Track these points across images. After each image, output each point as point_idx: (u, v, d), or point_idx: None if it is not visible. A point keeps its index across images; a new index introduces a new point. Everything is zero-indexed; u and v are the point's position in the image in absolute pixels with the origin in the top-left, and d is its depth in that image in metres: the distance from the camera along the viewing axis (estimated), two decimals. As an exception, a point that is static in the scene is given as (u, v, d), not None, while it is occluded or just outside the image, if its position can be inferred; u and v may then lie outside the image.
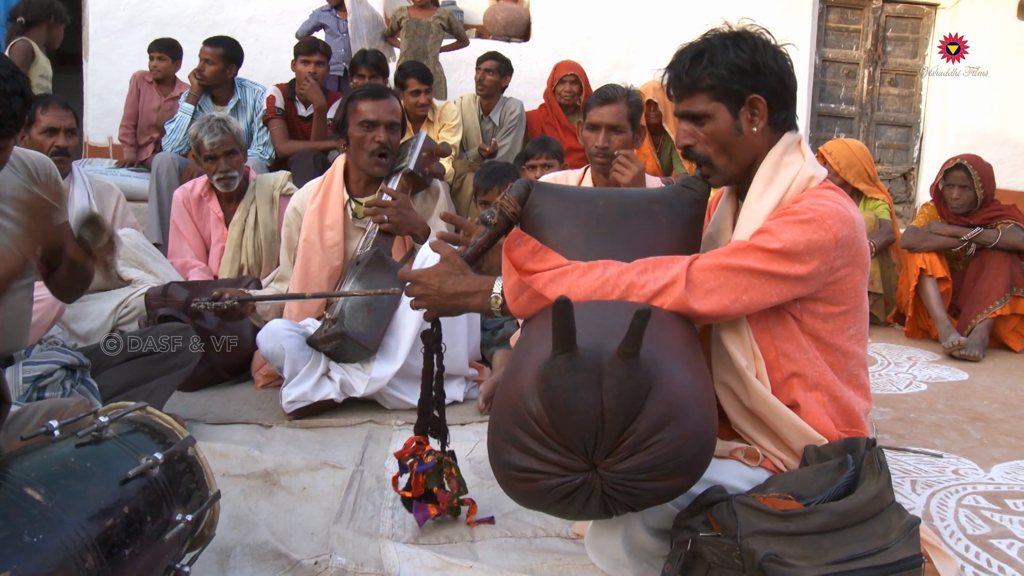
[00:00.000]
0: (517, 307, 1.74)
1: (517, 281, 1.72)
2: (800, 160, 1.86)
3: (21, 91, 1.92)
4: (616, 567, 1.80)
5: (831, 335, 1.82)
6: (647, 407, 1.40)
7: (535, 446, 1.44)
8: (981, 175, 4.44)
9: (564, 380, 1.38)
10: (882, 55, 7.82)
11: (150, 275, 3.64)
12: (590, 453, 1.42)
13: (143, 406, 1.64)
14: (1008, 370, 4.02)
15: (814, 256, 1.71)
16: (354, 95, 3.22)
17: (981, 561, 2.02)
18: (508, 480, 1.50)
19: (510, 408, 1.46)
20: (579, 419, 1.39)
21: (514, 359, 1.64)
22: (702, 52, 1.85)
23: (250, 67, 6.18)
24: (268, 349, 2.97)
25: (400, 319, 2.99)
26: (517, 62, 6.00)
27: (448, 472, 2.06)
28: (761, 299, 1.72)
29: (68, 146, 3.54)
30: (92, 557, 1.24)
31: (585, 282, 1.68)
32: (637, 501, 1.48)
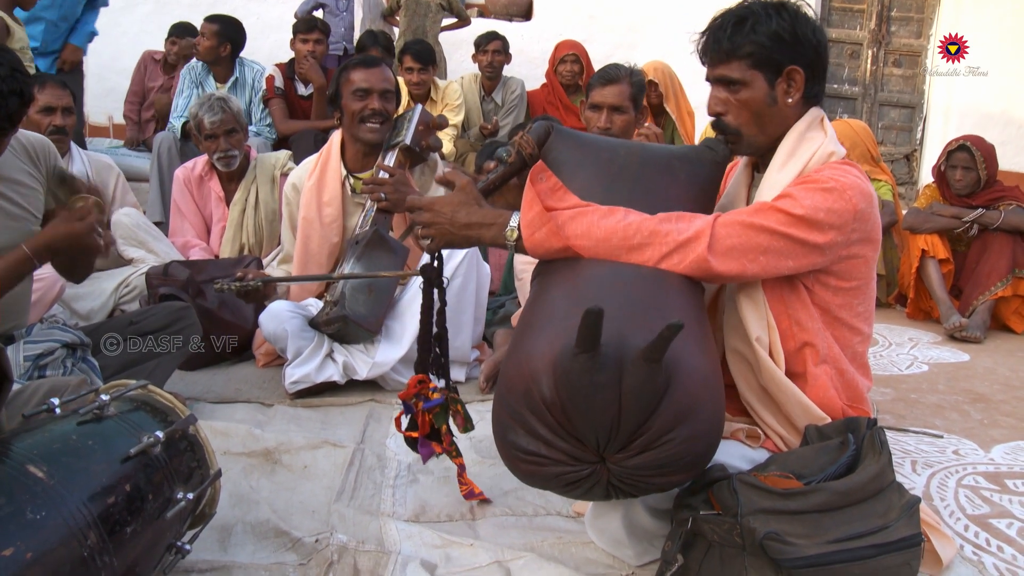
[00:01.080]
0: (533, 242, 1.70)
1: (538, 214, 1.69)
2: (823, 136, 1.86)
3: (19, 91, 1.90)
4: (616, 546, 1.82)
5: (839, 309, 1.82)
6: (662, 407, 1.40)
7: (545, 432, 1.44)
8: (984, 156, 4.41)
9: (584, 378, 1.37)
10: (886, 35, 7.77)
11: (151, 254, 3.64)
12: (601, 447, 1.43)
13: (144, 384, 1.64)
14: (1009, 351, 4.02)
15: (833, 225, 1.70)
16: (346, 66, 3.19)
17: (980, 540, 2.02)
18: (513, 460, 1.51)
19: (522, 389, 1.45)
20: (595, 416, 1.39)
21: (527, 325, 1.61)
22: (744, 18, 1.83)
23: (251, 46, 6.14)
24: (271, 331, 2.97)
25: (407, 304, 2.98)
26: (519, 41, 5.97)
27: (455, 409, 2.01)
28: (777, 263, 1.70)
29: (66, 125, 3.52)
30: (94, 534, 1.24)
31: (607, 224, 1.66)
32: (641, 491, 1.50)
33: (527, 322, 1.64)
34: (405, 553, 1.82)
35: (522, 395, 1.45)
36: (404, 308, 2.99)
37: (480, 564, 1.79)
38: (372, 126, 3.12)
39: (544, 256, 1.74)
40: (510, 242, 1.75)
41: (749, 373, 1.82)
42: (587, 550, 1.88)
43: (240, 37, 5.19)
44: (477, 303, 3.15)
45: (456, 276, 2.98)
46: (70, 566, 1.20)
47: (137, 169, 5.10)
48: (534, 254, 1.74)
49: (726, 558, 1.51)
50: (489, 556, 1.81)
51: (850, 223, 1.72)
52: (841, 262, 1.78)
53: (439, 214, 1.79)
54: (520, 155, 1.88)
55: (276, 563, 1.79)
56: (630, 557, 1.81)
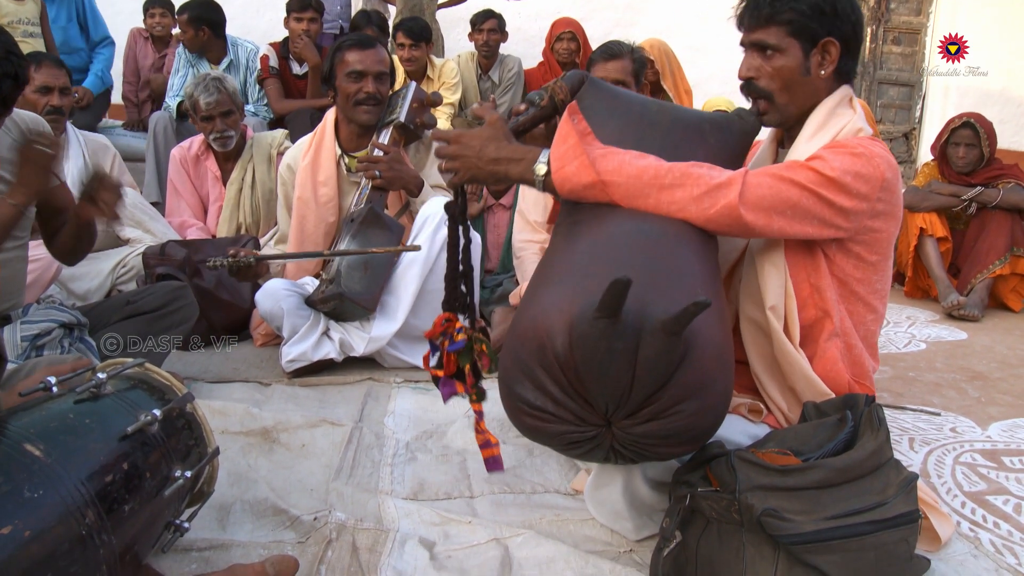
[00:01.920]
0: (563, 175, 1.67)
1: (572, 147, 1.66)
2: (852, 113, 1.87)
3: (14, 73, 1.89)
4: (615, 519, 1.82)
5: (857, 284, 1.83)
6: (676, 378, 1.40)
7: (554, 390, 1.43)
8: (987, 133, 4.41)
9: (601, 343, 1.35)
10: (885, 13, 7.73)
11: (148, 234, 3.63)
12: (609, 412, 1.42)
13: (141, 362, 1.63)
14: (1007, 329, 4.02)
15: (860, 192, 1.71)
16: (341, 45, 3.15)
17: (977, 517, 2.03)
18: (517, 412, 1.49)
19: (535, 343, 1.43)
20: (608, 382, 1.38)
21: (545, 277, 1.59)
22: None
23: (246, 25, 6.11)
24: (267, 309, 2.96)
25: (401, 277, 2.98)
26: (516, 20, 5.94)
27: (479, 350, 1.95)
28: (802, 221, 1.69)
29: (62, 105, 3.51)
30: (92, 512, 1.24)
31: (639, 163, 1.65)
32: (642, 458, 1.50)
33: (545, 274, 1.61)
34: (403, 531, 1.82)
35: (535, 350, 1.43)
36: (398, 282, 2.98)
37: (478, 541, 1.80)
38: (366, 108, 3.11)
39: (570, 194, 1.70)
40: (538, 177, 1.72)
41: (763, 342, 1.82)
42: (585, 527, 1.89)
43: (216, 15, 5.10)
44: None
45: (444, 249, 2.97)
46: (68, 544, 1.19)
47: (134, 149, 5.07)
48: (561, 190, 1.70)
49: (724, 534, 1.51)
50: (487, 533, 1.82)
51: (876, 191, 1.73)
52: (864, 234, 1.78)
53: (467, 147, 1.76)
54: (552, 100, 1.85)
55: (274, 541, 1.79)
56: (629, 531, 1.81)
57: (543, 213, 3.31)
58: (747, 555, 1.47)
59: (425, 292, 2.98)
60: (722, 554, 1.50)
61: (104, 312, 2.59)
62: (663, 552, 1.59)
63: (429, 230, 2.97)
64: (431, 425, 2.49)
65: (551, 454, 2.24)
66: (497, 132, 1.78)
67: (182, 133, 4.74)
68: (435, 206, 3.01)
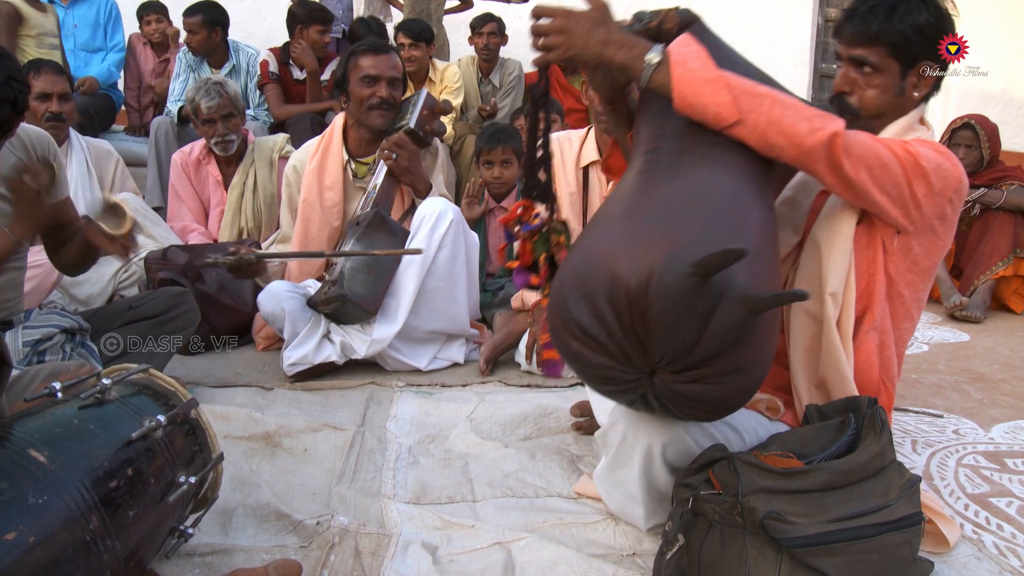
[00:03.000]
0: (682, 69, 1.58)
1: (697, 50, 1.60)
2: (926, 131, 1.90)
3: (13, 99, 1.90)
4: (628, 504, 1.81)
5: (906, 287, 1.83)
6: (734, 351, 1.40)
7: (612, 323, 1.41)
8: (988, 135, 4.40)
9: (684, 299, 1.34)
10: (886, 15, 7.73)
11: (150, 239, 3.62)
12: (659, 362, 1.41)
13: (146, 368, 1.64)
14: (1009, 331, 4.02)
15: (938, 186, 1.71)
16: (355, 50, 3.17)
17: (980, 519, 2.03)
18: (564, 331, 1.47)
19: (608, 272, 1.40)
20: (674, 336, 1.37)
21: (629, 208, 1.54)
22: (896, 5, 1.82)
23: (248, 29, 6.12)
24: (269, 310, 2.97)
25: (400, 279, 2.98)
26: (516, 23, 5.93)
27: (558, 241, 1.87)
28: (884, 187, 1.68)
29: (62, 111, 3.50)
30: (96, 518, 1.24)
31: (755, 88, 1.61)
32: (666, 412, 1.50)
33: (623, 208, 1.56)
34: (406, 535, 1.83)
35: (605, 278, 1.40)
36: (397, 283, 2.99)
37: (481, 545, 1.80)
38: (380, 113, 3.12)
39: (684, 87, 1.59)
40: (649, 65, 1.62)
41: (810, 331, 1.82)
42: (588, 531, 1.89)
43: (224, 16, 5.16)
44: (469, 271, 3.16)
45: (443, 246, 3.00)
46: (72, 550, 1.20)
47: (136, 154, 5.07)
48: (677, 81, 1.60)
49: (727, 537, 1.51)
50: (490, 537, 1.82)
51: (951, 191, 1.74)
52: (927, 233, 1.78)
53: (577, 23, 1.66)
54: (660, 26, 1.79)
55: (277, 546, 1.80)
56: (639, 518, 1.81)
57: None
58: (750, 558, 1.47)
59: (425, 292, 2.98)
60: (725, 557, 1.50)
61: (106, 317, 2.59)
62: (666, 556, 1.59)
63: (426, 229, 2.98)
64: (433, 429, 2.49)
65: (553, 458, 2.24)
66: (606, 16, 1.69)
67: (183, 138, 4.74)
68: (432, 206, 3.02)
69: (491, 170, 3.93)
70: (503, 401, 2.71)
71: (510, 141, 3.92)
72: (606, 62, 1.69)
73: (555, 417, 2.54)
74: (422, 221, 3.01)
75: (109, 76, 5.38)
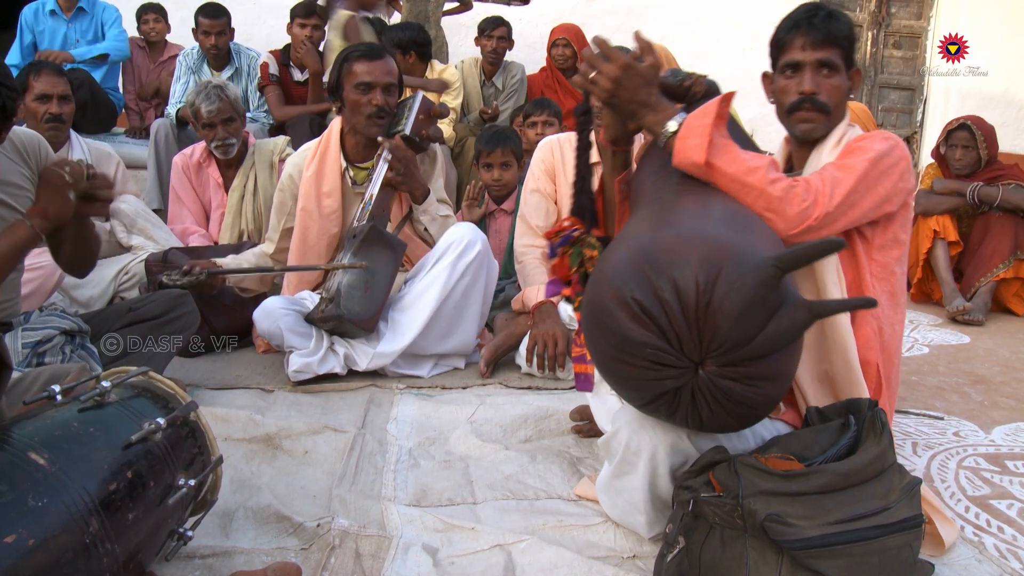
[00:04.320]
0: (683, 144, 1.74)
1: (704, 125, 1.72)
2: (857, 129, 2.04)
3: (2, 105, 1.90)
4: (630, 512, 1.82)
5: (895, 262, 1.94)
6: (777, 356, 1.43)
7: (676, 308, 1.42)
8: (984, 135, 4.41)
9: (758, 290, 1.38)
10: (886, 17, 7.73)
11: (150, 241, 3.63)
12: (710, 353, 1.42)
13: (145, 371, 1.64)
14: (1010, 333, 4.02)
15: (899, 166, 1.87)
16: (349, 56, 3.12)
17: (980, 521, 2.03)
18: (620, 306, 1.46)
19: (679, 260, 1.43)
20: (737, 327, 1.39)
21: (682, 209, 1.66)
22: (832, 13, 2.00)
23: (248, 32, 6.11)
24: (265, 328, 2.96)
25: (417, 298, 2.98)
26: (517, 25, 5.93)
27: (590, 255, 1.95)
28: (864, 211, 1.84)
29: (62, 112, 3.49)
30: (96, 521, 1.24)
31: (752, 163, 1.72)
32: (691, 415, 1.50)
33: (679, 209, 1.67)
34: (406, 537, 1.83)
35: (674, 261, 1.43)
36: (414, 301, 2.99)
37: (481, 548, 1.80)
38: (376, 121, 3.08)
39: (681, 162, 1.76)
40: (666, 133, 1.79)
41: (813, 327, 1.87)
42: (589, 533, 1.89)
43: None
44: (484, 300, 3.15)
45: (466, 275, 2.98)
46: (72, 553, 1.20)
47: (136, 156, 5.08)
48: (675, 156, 1.76)
49: (727, 540, 1.51)
50: (490, 540, 1.82)
51: (908, 169, 1.90)
52: (903, 210, 1.93)
53: (630, 78, 1.80)
54: (689, 88, 1.94)
55: (278, 548, 1.80)
56: (641, 526, 1.82)
57: (545, 218, 3.31)
58: (750, 560, 1.47)
59: (438, 316, 2.98)
60: (725, 560, 1.50)
61: (106, 319, 2.59)
62: (666, 558, 1.59)
63: (452, 256, 2.97)
64: (434, 431, 2.49)
65: (554, 460, 2.24)
66: (654, 79, 1.84)
67: (183, 140, 4.74)
68: (460, 232, 3.02)
69: (491, 172, 3.92)
70: (503, 403, 2.71)
71: (509, 143, 3.91)
72: (636, 119, 1.85)
73: (555, 419, 2.54)
74: (449, 247, 2.99)
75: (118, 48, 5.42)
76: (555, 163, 3.32)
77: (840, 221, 1.80)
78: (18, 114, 2.08)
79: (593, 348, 1.59)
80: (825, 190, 1.77)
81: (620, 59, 1.80)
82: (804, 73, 1.98)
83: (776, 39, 2.05)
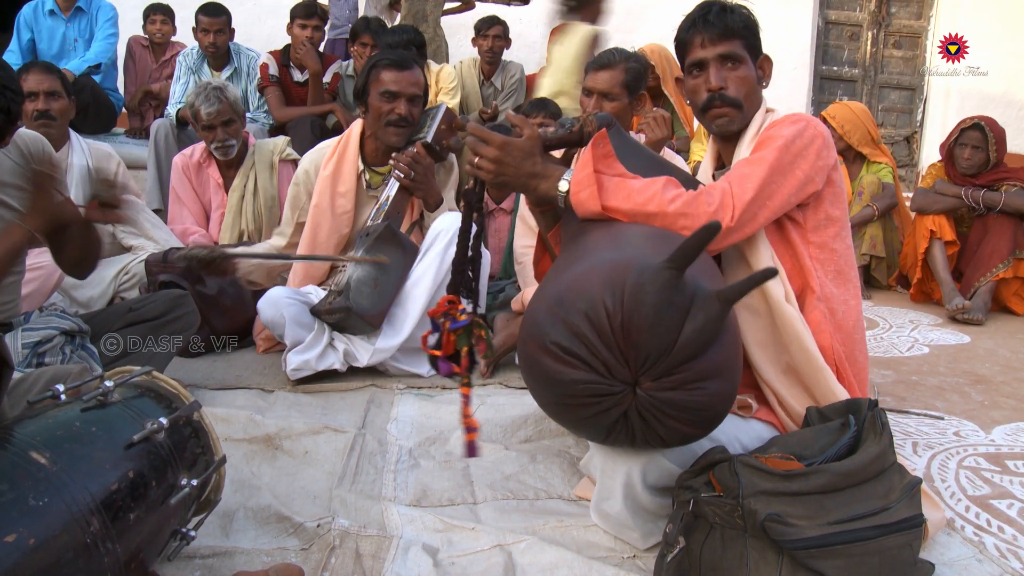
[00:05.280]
0: (577, 200, 1.78)
1: (588, 176, 1.76)
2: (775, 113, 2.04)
3: (7, 108, 1.90)
4: (622, 529, 1.82)
5: (834, 239, 1.94)
6: (710, 352, 1.44)
7: (593, 338, 1.44)
8: (996, 137, 4.41)
9: (661, 294, 1.40)
10: (886, 17, 7.73)
11: (150, 241, 3.63)
12: (641, 370, 1.43)
13: (148, 371, 1.64)
14: (1010, 333, 4.02)
15: (813, 145, 1.88)
16: (377, 63, 3.14)
17: (981, 521, 2.03)
18: (543, 353, 1.50)
19: (584, 293, 1.46)
20: (654, 335, 1.41)
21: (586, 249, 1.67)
22: (726, 7, 2.01)
23: (248, 32, 6.12)
24: (268, 316, 2.96)
25: (410, 291, 2.98)
26: (517, 25, 5.94)
27: (478, 335, 1.97)
28: (784, 199, 1.83)
29: (50, 109, 3.43)
30: (97, 520, 1.24)
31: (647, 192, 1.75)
32: (649, 431, 1.50)
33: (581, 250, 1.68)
34: (407, 537, 1.83)
35: (583, 298, 1.46)
36: (407, 296, 2.99)
37: (481, 548, 1.80)
38: (396, 130, 3.12)
39: (583, 215, 1.81)
40: (561, 195, 1.83)
41: (758, 323, 1.88)
42: (589, 533, 1.89)
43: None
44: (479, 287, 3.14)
45: None
46: (73, 552, 1.20)
47: (136, 157, 5.08)
48: (577, 212, 1.81)
49: (727, 540, 1.51)
50: (491, 540, 1.82)
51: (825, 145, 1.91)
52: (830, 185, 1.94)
53: (509, 154, 1.84)
54: (582, 130, 1.95)
55: (278, 548, 1.80)
56: (636, 540, 1.82)
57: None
58: (750, 560, 1.47)
59: (432, 305, 2.97)
60: (725, 560, 1.50)
61: (106, 319, 2.59)
62: (667, 558, 1.59)
63: (441, 245, 2.98)
64: (434, 431, 2.49)
65: (554, 460, 2.24)
66: (535, 147, 1.87)
67: (183, 140, 4.74)
68: (447, 221, 3.02)
69: None
70: (504, 403, 2.71)
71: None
72: (530, 191, 1.89)
73: (556, 419, 2.54)
74: (437, 236, 3.00)
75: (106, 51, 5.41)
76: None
77: (760, 214, 1.81)
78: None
79: (539, 400, 1.64)
80: (732, 190, 1.79)
81: (496, 139, 1.84)
82: (709, 70, 2.01)
83: (678, 41, 2.08)
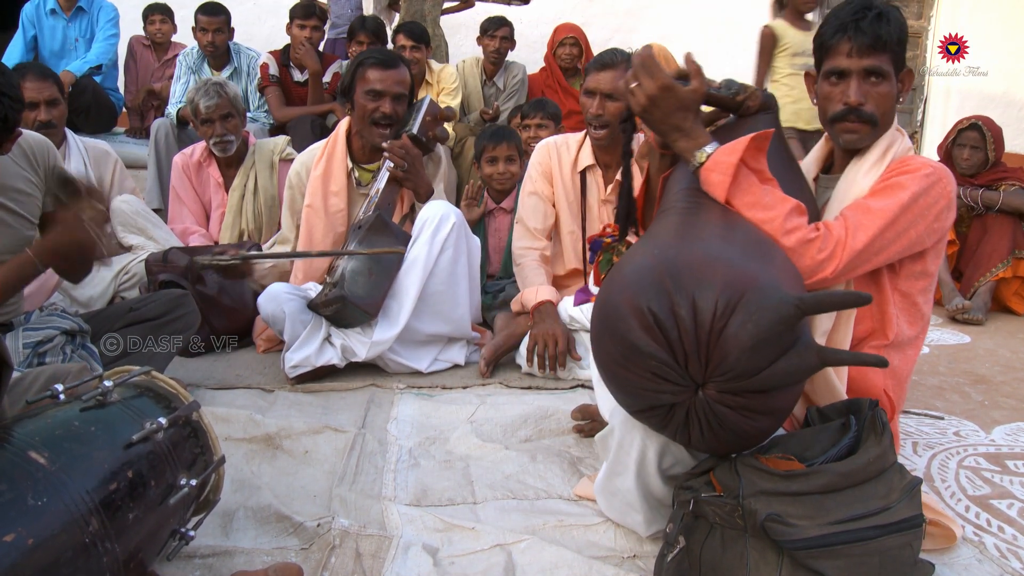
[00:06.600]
0: (707, 178, 1.72)
1: (731, 164, 1.69)
2: (901, 137, 1.96)
3: (4, 116, 1.89)
4: (627, 512, 1.81)
5: (920, 294, 1.92)
6: (780, 394, 1.44)
7: (689, 327, 1.40)
8: (994, 137, 4.41)
9: (776, 327, 1.37)
10: (886, 16, 7.72)
11: (150, 241, 3.63)
12: (713, 377, 1.41)
13: (148, 370, 1.64)
14: (1010, 333, 4.02)
15: (936, 206, 1.82)
16: (364, 61, 3.15)
17: (981, 521, 2.03)
18: (634, 313, 1.44)
19: (702, 281, 1.41)
20: (746, 357, 1.38)
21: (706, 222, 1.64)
22: (883, 13, 1.87)
23: (248, 32, 6.12)
24: (269, 312, 2.97)
25: (402, 282, 2.98)
26: (517, 25, 5.92)
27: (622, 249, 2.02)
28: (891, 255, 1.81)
29: (51, 118, 3.44)
30: (96, 520, 1.24)
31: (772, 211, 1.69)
32: (681, 432, 1.50)
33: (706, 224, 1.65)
34: (407, 537, 1.82)
35: (699, 285, 1.41)
36: (399, 286, 2.99)
37: (482, 548, 1.80)
38: (380, 131, 3.13)
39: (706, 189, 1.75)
40: (695, 161, 1.76)
41: None
42: (589, 533, 1.89)
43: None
44: (471, 275, 3.15)
45: (445, 250, 2.99)
46: (72, 552, 1.20)
47: (136, 156, 5.08)
48: (701, 184, 1.75)
49: (728, 540, 1.51)
50: (491, 539, 1.82)
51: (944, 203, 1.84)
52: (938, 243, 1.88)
53: (665, 99, 1.76)
54: (742, 102, 1.91)
55: (278, 548, 1.80)
56: (639, 525, 1.81)
57: (543, 220, 3.32)
58: (751, 560, 1.47)
59: (426, 295, 2.98)
60: (726, 560, 1.50)
61: (106, 319, 2.59)
62: (667, 558, 1.59)
63: (428, 232, 2.98)
64: (434, 431, 2.49)
65: (554, 460, 2.24)
66: (694, 104, 1.79)
67: (184, 140, 4.75)
68: (434, 209, 3.02)
69: (496, 166, 3.90)
70: (504, 403, 2.71)
71: (513, 139, 3.92)
72: (669, 140, 1.80)
73: (556, 419, 2.54)
74: (424, 224, 3.01)
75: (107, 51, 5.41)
76: (552, 165, 3.32)
77: (863, 267, 1.78)
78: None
79: (597, 347, 1.56)
80: (846, 240, 1.73)
81: (661, 78, 1.75)
82: (850, 82, 1.90)
83: (820, 41, 1.95)
